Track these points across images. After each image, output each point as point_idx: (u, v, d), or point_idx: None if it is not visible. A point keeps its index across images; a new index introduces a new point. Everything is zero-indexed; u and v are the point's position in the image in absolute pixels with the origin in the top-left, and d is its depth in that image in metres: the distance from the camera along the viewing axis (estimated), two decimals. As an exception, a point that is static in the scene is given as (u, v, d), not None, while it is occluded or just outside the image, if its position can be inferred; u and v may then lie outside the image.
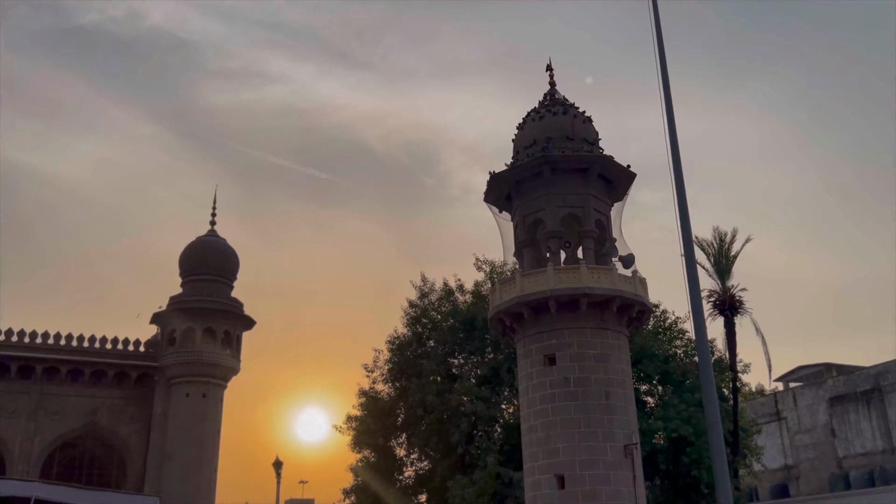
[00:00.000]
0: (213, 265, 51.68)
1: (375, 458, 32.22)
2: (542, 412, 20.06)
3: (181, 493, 43.87)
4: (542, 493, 19.52)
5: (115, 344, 49.37)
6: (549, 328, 20.49)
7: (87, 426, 47.44)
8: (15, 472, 43.15)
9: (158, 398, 48.46)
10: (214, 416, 48.91)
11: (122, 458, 48.11)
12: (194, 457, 46.45)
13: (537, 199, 22.02)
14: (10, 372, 45.92)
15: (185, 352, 48.21)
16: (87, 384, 47.67)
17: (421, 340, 32.78)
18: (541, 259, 22.26)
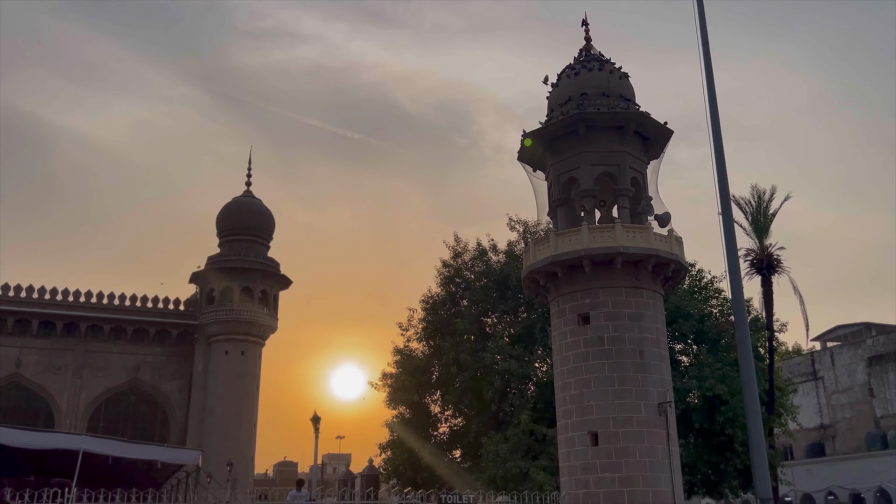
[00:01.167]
0: (250, 225, 52.31)
1: (410, 414, 32.73)
2: (575, 370, 20.20)
3: (222, 448, 45.05)
4: (576, 449, 19.75)
5: (155, 303, 50.48)
6: (583, 287, 20.49)
7: (131, 382, 48.81)
8: (63, 426, 44.67)
9: (198, 355, 49.60)
10: (253, 373, 49.95)
11: (164, 413, 49.50)
12: (234, 412, 47.61)
13: (572, 157, 21.86)
14: (55, 330, 47.26)
15: (223, 310, 49.13)
16: (130, 341, 48.93)
17: (454, 300, 32.97)
18: (575, 218, 22.17)
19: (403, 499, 21.71)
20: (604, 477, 19.12)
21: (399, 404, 32.97)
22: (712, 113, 20.89)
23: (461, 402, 31.30)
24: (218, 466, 40.74)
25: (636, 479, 18.95)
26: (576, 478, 19.60)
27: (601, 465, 19.23)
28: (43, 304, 47.44)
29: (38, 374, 46.62)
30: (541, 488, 21.84)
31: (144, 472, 29.70)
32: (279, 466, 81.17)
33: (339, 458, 72.04)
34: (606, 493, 19.00)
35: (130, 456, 29.94)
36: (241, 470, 45.40)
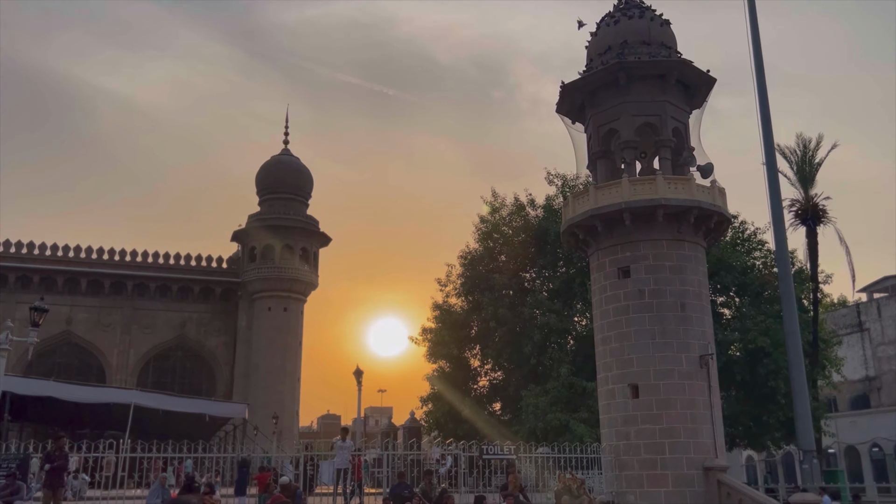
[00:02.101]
0: (289, 184, 52.75)
1: (450, 368, 33.06)
2: (615, 324, 20.13)
3: (267, 401, 46.17)
4: (616, 401, 19.79)
5: (199, 261, 51.44)
6: (624, 241, 20.29)
7: (177, 339, 50.09)
8: (114, 381, 46.15)
9: (242, 312, 50.59)
10: (295, 329, 50.86)
11: (210, 368, 50.79)
12: (278, 367, 48.65)
13: (612, 108, 21.46)
14: (104, 288, 48.52)
15: (265, 268, 49.90)
16: (175, 299, 50.06)
17: (492, 255, 32.97)
18: (615, 171, 21.87)
19: (445, 450, 22.04)
20: (644, 429, 19.17)
21: (439, 359, 33.32)
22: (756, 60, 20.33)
23: (500, 357, 31.53)
24: (264, 419, 41.85)
25: (677, 431, 18.96)
26: (616, 429, 19.69)
27: (642, 416, 19.26)
28: (91, 264, 48.69)
29: (88, 332, 48.07)
30: (581, 440, 22.01)
31: (193, 424, 30.70)
32: (323, 419, 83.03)
33: (381, 412, 73.36)
34: (647, 444, 19.05)
35: (180, 409, 31.05)
36: (287, 423, 46.55)
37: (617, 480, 19.23)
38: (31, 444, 17.40)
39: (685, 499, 18.54)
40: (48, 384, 29.52)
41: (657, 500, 18.45)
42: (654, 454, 18.98)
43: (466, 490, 19.57)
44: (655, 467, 18.90)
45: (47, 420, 29.89)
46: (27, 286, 46.32)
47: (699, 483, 18.65)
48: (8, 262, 46.99)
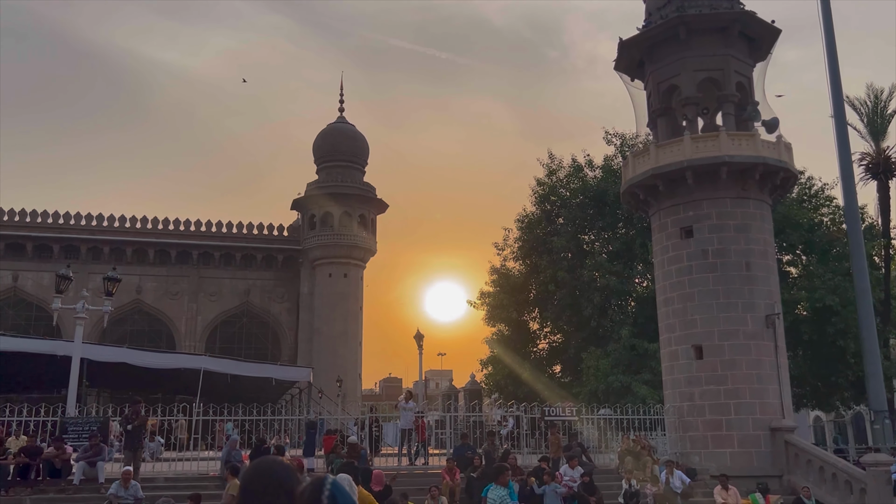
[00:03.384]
0: (345, 151, 53.09)
1: (509, 331, 33.16)
2: (678, 284, 19.85)
3: (331, 365, 47.12)
4: (680, 363, 19.60)
5: (261, 230, 52.43)
6: (686, 200, 19.90)
7: (242, 305, 51.35)
8: (183, 347, 47.68)
9: (304, 279, 51.52)
10: (356, 295, 51.59)
11: (275, 333, 52.02)
12: (340, 332, 49.52)
13: (672, 63, 20.91)
14: (170, 258, 49.93)
15: (325, 235, 50.59)
16: (239, 267, 51.24)
17: (550, 218, 32.73)
18: (676, 128, 21.37)
19: (506, 412, 22.21)
20: (709, 389, 18.96)
21: (498, 322, 33.43)
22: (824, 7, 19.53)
23: (560, 319, 31.45)
24: (328, 383, 42.76)
25: (742, 392, 18.71)
26: (680, 391, 19.53)
27: (706, 377, 19.04)
28: (158, 234, 50.10)
29: (157, 300, 49.64)
30: (643, 401, 21.91)
31: (260, 388, 31.59)
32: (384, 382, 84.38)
33: (441, 375, 74.15)
34: (712, 405, 18.86)
35: (247, 374, 31.94)
36: (350, 386, 47.49)
37: (681, 441, 19.13)
38: (110, 408, 18.14)
39: (751, 460, 18.35)
40: (122, 351, 30.68)
41: (722, 460, 18.30)
42: (718, 415, 18.79)
43: (529, 451, 19.74)
44: (720, 428, 18.72)
45: (121, 385, 31.05)
46: (98, 257, 47.96)
47: (766, 444, 18.43)
48: (79, 234, 48.66)
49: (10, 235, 47.41)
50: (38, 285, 47.12)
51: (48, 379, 27.14)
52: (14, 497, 13.83)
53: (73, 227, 49.11)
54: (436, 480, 15.46)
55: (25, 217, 48.59)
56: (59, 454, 14.69)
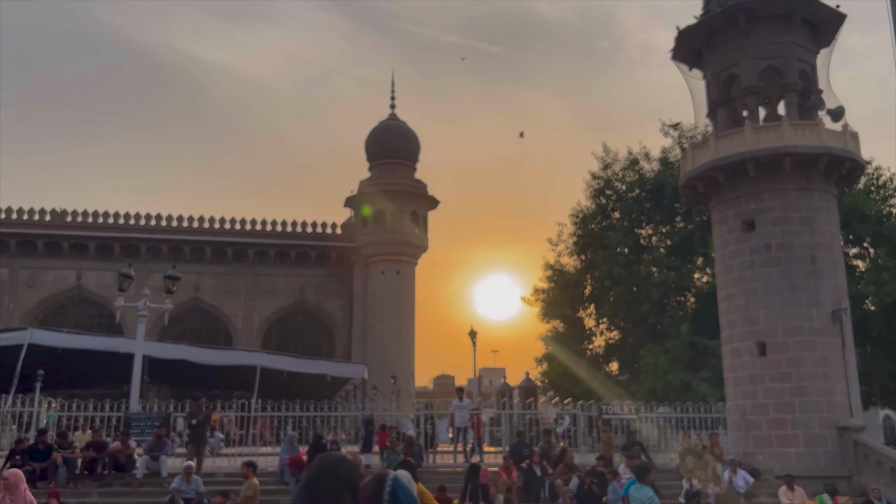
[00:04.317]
0: (397, 148, 53.25)
1: (564, 328, 32.83)
2: (740, 279, 19.33)
3: (384, 362, 47.31)
4: (742, 360, 19.09)
5: (314, 227, 52.97)
6: (748, 192, 19.36)
7: (297, 303, 51.95)
8: (240, 344, 48.44)
9: (357, 276, 51.87)
10: (408, 291, 51.73)
11: (329, 330, 52.50)
12: (393, 328, 49.72)
13: (732, 52, 20.36)
14: (227, 256, 50.79)
15: (377, 232, 50.84)
16: (294, 265, 51.83)
17: (605, 212, 32.27)
18: (737, 118, 20.81)
19: (563, 410, 21.96)
20: (773, 387, 18.42)
21: (552, 319, 33.13)
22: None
23: (616, 316, 30.99)
24: (381, 379, 42.97)
25: (808, 390, 18.12)
26: (742, 388, 19.02)
27: (770, 375, 18.50)
28: (214, 233, 51.00)
29: (214, 297, 50.55)
30: (704, 399, 21.43)
31: (316, 385, 31.87)
32: (438, 379, 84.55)
33: (494, 372, 73.96)
34: (776, 403, 18.32)
35: (303, 370, 32.26)
36: (404, 383, 47.67)
37: (744, 440, 18.64)
38: (171, 404, 18.49)
39: (818, 460, 17.77)
40: (181, 348, 31.29)
41: (787, 460, 17.75)
42: (783, 413, 18.25)
43: (586, 449, 19.47)
44: (785, 427, 18.18)
45: (181, 381, 31.69)
46: (157, 256, 49.04)
47: (833, 443, 17.83)
48: (139, 234, 49.86)
49: (73, 236, 48.82)
50: (100, 284, 48.41)
51: (111, 375, 27.87)
52: (82, 490, 14.16)
53: (133, 227, 50.33)
54: (491, 477, 15.33)
55: (87, 217, 49.98)
56: (124, 449, 15.00)
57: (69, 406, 18.26)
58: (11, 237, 48.00)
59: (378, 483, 2.80)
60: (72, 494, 13.56)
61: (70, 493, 13.57)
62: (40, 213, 49.50)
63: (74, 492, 13.88)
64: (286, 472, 15.36)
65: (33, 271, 48.58)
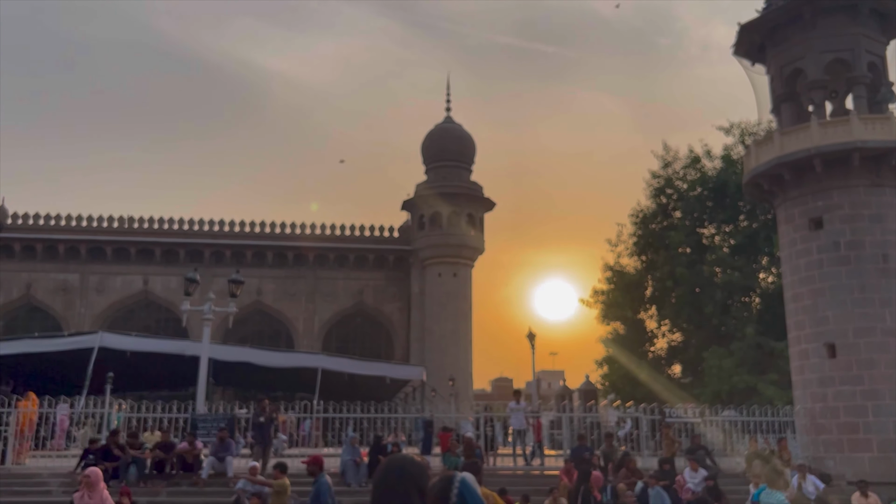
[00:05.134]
0: (453, 151, 53.38)
1: (625, 330, 32.38)
2: (807, 279, 18.78)
3: (442, 364, 47.45)
4: (811, 362, 18.54)
5: (372, 231, 53.51)
6: (815, 189, 18.80)
7: (356, 305, 52.51)
8: (301, 346, 49.17)
9: (414, 278, 52.15)
10: (465, 294, 51.77)
11: (388, 333, 52.92)
12: (450, 331, 49.81)
13: (796, 45, 19.80)
14: (288, 260, 51.66)
15: (433, 235, 51.04)
16: (353, 268, 52.41)
17: (666, 212, 31.73)
18: (802, 114, 20.23)
19: (624, 413, 21.65)
20: (843, 390, 17.84)
21: (612, 320, 32.71)
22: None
23: (678, 317, 30.42)
24: (439, 382, 43.07)
25: (881, 393, 17.50)
26: (811, 391, 18.47)
27: (840, 377, 17.93)
28: (276, 238, 51.97)
29: (276, 301, 51.46)
30: (770, 403, 20.86)
31: (375, 387, 32.10)
32: (496, 382, 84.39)
33: (553, 375, 73.45)
34: (847, 406, 17.73)
35: (363, 372, 32.53)
36: (462, 385, 47.69)
37: (813, 445, 18.09)
38: (236, 405, 18.85)
39: (893, 465, 17.11)
40: (245, 350, 31.88)
41: (860, 466, 17.14)
42: (855, 417, 17.65)
43: (649, 453, 19.15)
44: (857, 431, 17.58)
45: (244, 383, 32.33)
46: (220, 260, 50.17)
47: (909, 449, 17.15)
48: (203, 239, 51.11)
49: (140, 242, 50.34)
50: (166, 288, 49.78)
51: (177, 377, 28.58)
52: (151, 489, 14.55)
53: (197, 233, 51.61)
54: (553, 481, 15.20)
55: (153, 224, 51.48)
56: (191, 449, 15.35)
57: (138, 407, 18.78)
58: (82, 244, 49.75)
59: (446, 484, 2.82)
60: (142, 493, 13.92)
61: (140, 492, 13.94)
62: (108, 220, 51.19)
63: (144, 491, 14.26)
64: (349, 472, 15.53)
65: (102, 277, 50.24)
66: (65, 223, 50.74)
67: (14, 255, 49.24)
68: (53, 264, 49.65)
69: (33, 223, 50.49)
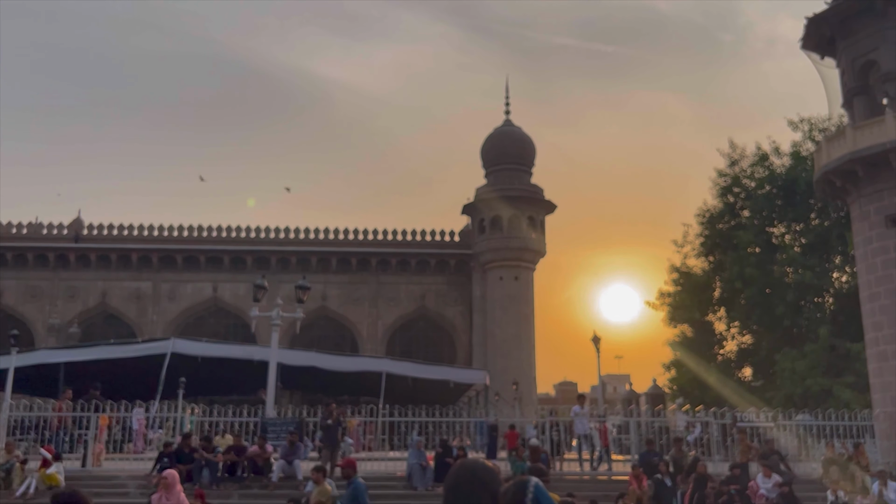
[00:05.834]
0: (513, 154, 53.25)
1: (693, 332, 31.70)
2: (885, 278, 18.12)
3: (505, 368, 47.30)
4: (889, 364, 17.88)
5: (433, 235, 53.79)
6: (890, 185, 18.16)
7: (419, 310, 52.81)
8: (365, 350, 49.69)
9: (476, 282, 52.16)
10: (527, 297, 51.52)
11: (450, 337, 53.05)
12: (513, 335, 49.61)
13: (869, 37, 19.14)
14: (351, 266, 52.33)
15: (494, 239, 50.97)
16: (414, 272, 52.75)
17: (734, 211, 30.97)
18: (875, 107, 19.54)
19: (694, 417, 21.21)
20: (926, 394, 17.14)
21: (680, 323, 32.05)
22: None
23: (749, 319, 29.62)
24: (503, 386, 42.94)
25: (967, 397, 16.75)
26: (891, 395, 17.80)
27: (922, 381, 17.23)
28: (339, 244, 52.74)
29: (340, 306, 52.15)
30: (847, 406, 20.15)
31: (439, 391, 32.19)
32: (560, 386, 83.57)
33: (618, 379, 72.36)
34: (931, 411, 17.03)
35: (426, 376, 32.65)
36: (525, 389, 47.43)
37: (894, 450, 17.38)
38: (305, 409, 19.15)
39: (980, 472, 16.32)
40: (311, 355, 32.36)
41: (945, 473, 16.40)
42: (940, 422, 16.92)
43: (720, 458, 18.71)
44: (941, 437, 16.84)
45: (311, 387, 32.73)
46: (286, 267, 51.09)
47: None
48: (269, 246, 52.21)
49: (209, 250, 51.71)
50: (234, 295, 50.98)
51: (246, 382, 29.18)
52: (224, 492, 14.89)
53: (264, 240, 52.76)
54: (621, 487, 15.00)
55: (222, 232, 52.86)
56: (262, 453, 15.67)
57: (210, 411, 19.25)
58: (154, 253, 51.37)
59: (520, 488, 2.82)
60: (215, 496, 14.26)
61: (213, 494, 14.28)
62: (178, 229, 52.76)
63: (217, 493, 14.60)
64: (415, 476, 15.62)
65: (174, 284, 51.75)
66: (137, 233, 52.51)
67: (90, 264, 51.17)
68: (127, 273, 51.39)
69: (107, 233, 52.40)
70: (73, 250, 51.07)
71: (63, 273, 51.10)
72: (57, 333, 48.38)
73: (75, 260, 51.05)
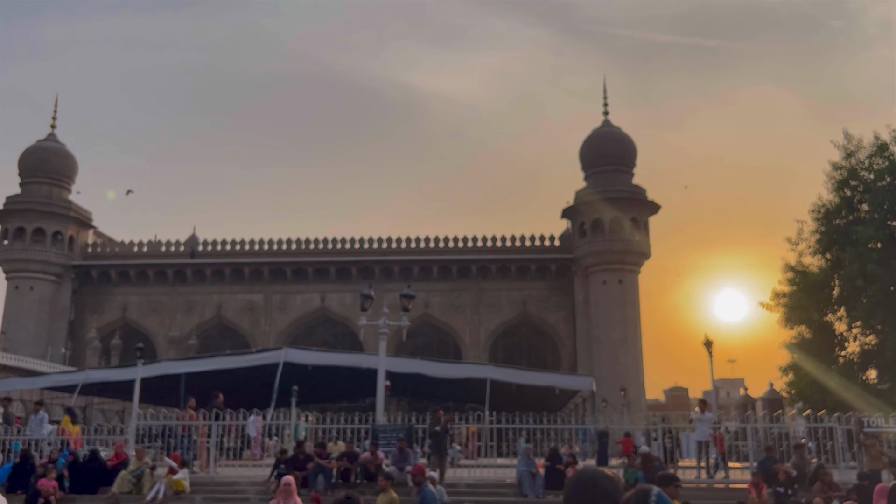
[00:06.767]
0: (612, 155, 52.43)
1: (810, 334, 30.19)
2: None
3: (612, 374, 46.46)
4: None
5: (532, 241, 53.58)
6: None
7: (520, 316, 52.68)
8: (468, 357, 49.95)
9: (578, 287, 51.56)
10: (632, 301, 50.51)
11: (553, 342, 52.62)
12: (619, 339, 48.72)
13: None
14: (452, 273, 52.78)
15: (596, 242, 50.27)
16: (515, 278, 52.68)
17: (851, 205, 29.31)
18: None
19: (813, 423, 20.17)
20: None
21: (796, 324, 30.58)
22: None
23: (872, 318, 27.94)
24: (609, 392, 42.19)
25: None
26: None
27: None
28: (440, 252, 53.33)
29: (443, 313, 52.68)
30: None
31: (544, 397, 31.93)
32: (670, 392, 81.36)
33: (731, 383, 69.83)
34: None
35: (531, 383, 32.41)
36: (633, 395, 46.49)
37: None
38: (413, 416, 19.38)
39: None
40: (417, 362, 32.72)
41: None
42: None
43: (846, 466, 17.74)
44: None
45: (416, 394, 33.15)
46: (389, 276, 52.05)
47: None
48: (373, 256, 53.36)
49: (316, 262, 53.31)
50: (341, 304, 52.33)
51: (355, 389, 29.82)
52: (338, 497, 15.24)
53: (368, 251, 53.98)
54: (738, 495, 14.46)
55: (328, 244, 54.43)
56: (374, 459, 15.96)
57: (322, 419, 19.76)
58: (264, 266, 53.43)
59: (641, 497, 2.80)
60: (329, 502, 14.62)
61: (327, 500, 14.65)
62: (287, 242, 54.71)
63: (332, 499, 14.96)
64: (525, 483, 15.53)
65: (284, 296, 53.64)
66: (248, 247, 54.74)
67: (206, 278, 53.70)
68: (240, 286, 53.65)
69: (221, 248, 54.85)
70: (190, 266, 53.76)
71: (181, 287, 53.86)
72: (177, 345, 50.98)
73: (192, 275, 53.72)
